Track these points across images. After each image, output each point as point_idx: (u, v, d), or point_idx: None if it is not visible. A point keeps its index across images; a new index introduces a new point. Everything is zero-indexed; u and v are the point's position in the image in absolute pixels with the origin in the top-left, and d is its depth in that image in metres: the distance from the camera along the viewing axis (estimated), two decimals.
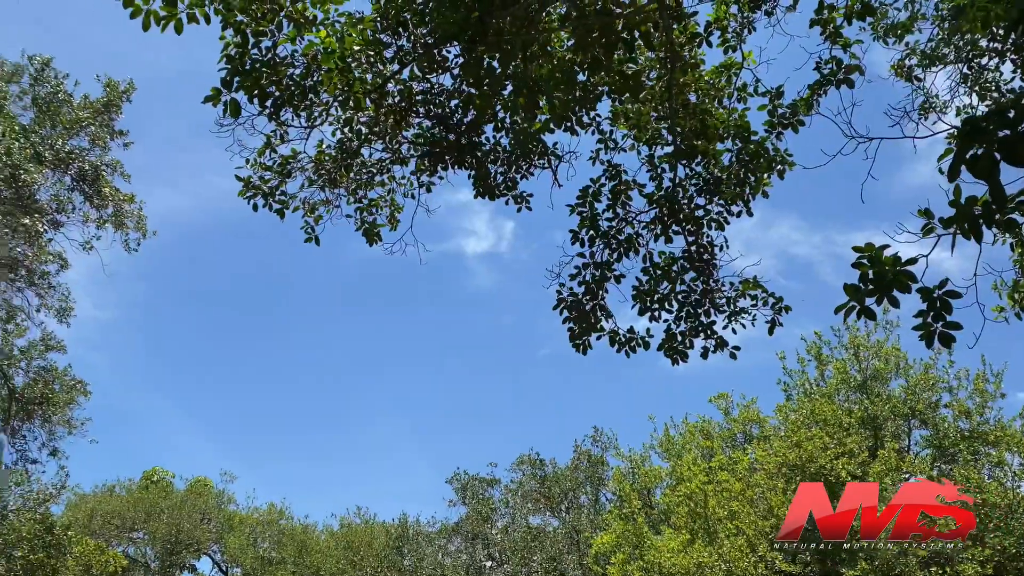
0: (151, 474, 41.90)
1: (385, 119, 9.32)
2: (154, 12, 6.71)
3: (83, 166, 16.89)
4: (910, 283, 4.77)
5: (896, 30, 7.95)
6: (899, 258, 4.77)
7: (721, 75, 8.48)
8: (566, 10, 8.12)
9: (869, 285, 4.87)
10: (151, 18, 6.73)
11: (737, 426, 24.69)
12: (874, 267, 4.82)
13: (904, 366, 21.91)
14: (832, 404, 21.14)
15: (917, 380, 21.27)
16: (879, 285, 4.81)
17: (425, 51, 8.39)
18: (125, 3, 6.62)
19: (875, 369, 22.11)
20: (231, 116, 7.16)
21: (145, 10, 6.67)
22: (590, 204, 8.90)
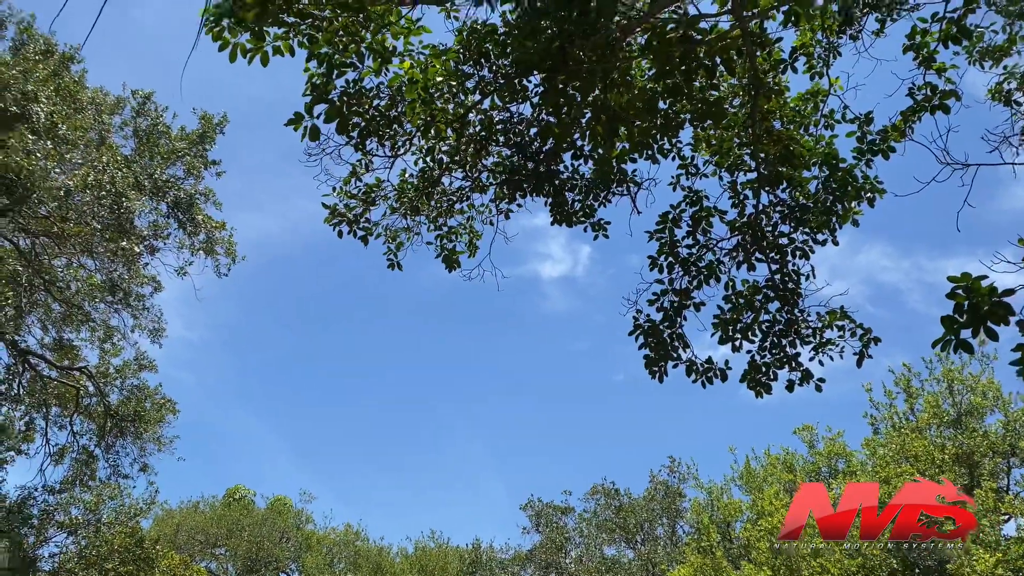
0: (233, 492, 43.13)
1: (466, 148, 9.49)
2: (241, 45, 7.00)
3: (179, 194, 17.72)
4: (1008, 315, 4.55)
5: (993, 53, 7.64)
6: (996, 288, 4.56)
7: (807, 102, 8.31)
8: (646, 38, 8.12)
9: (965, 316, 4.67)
10: (238, 50, 7.03)
11: (822, 460, 23.79)
12: (970, 298, 4.62)
13: (1003, 401, 20.77)
14: (923, 439, 20.18)
15: (1017, 415, 20.12)
16: (975, 317, 4.61)
17: (506, 81, 8.52)
18: (214, 37, 6.93)
19: (971, 403, 21.03)
20: (311, 140, 7.38)
21: (233, 43, 6.97)
22: (670, 230, 8.82)
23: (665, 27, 7.73)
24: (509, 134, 9.37)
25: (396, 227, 9.92)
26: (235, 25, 6.79)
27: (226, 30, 6.70)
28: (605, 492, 33.73)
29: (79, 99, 17.19)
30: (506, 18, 8.67)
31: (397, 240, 9.84)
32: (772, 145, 8.19)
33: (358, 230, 9.38)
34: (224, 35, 6.74)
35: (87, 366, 20.98)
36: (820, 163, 8.24)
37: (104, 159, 16.57)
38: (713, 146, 8.80)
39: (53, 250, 18.29)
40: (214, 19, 6.79)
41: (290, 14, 6.82)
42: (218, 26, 6.67)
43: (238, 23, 6.77)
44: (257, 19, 6.75)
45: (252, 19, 6.71)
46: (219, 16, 6.73)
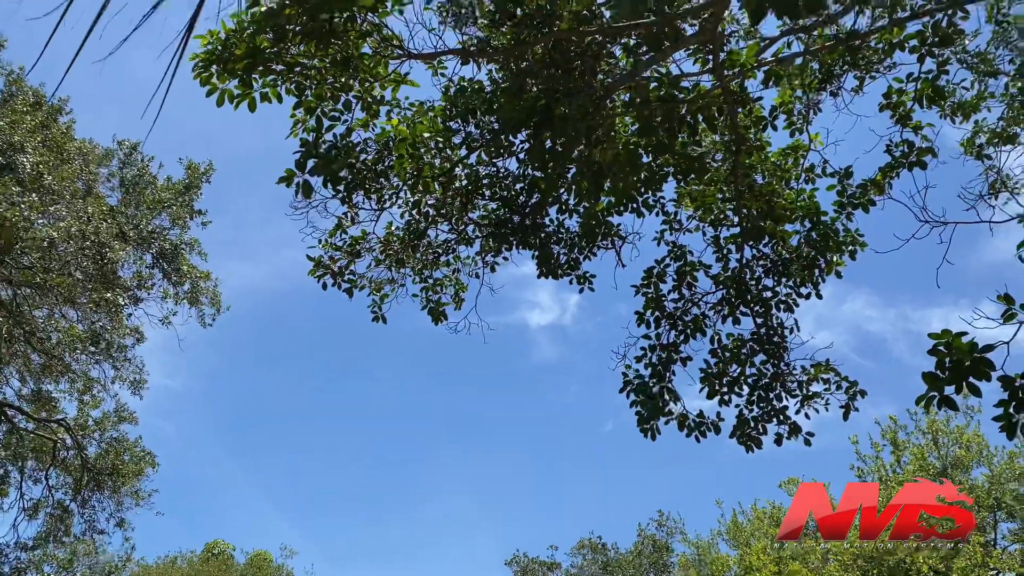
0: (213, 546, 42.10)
1: (452, 201, 9.56)
2: (228, 91, 7.06)
3: (164, 244, 17.69)
4: (989, 371, 4.59)
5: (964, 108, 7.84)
6: (976, 344, 4.60)
7: (788, 157, 8.47)
8: (630, 96, 8.28)
9: (947, 373, 4.70)
10: (225, 96, 7.09)
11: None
12: (951, 354, 4.66)
13: (987, 454, 20.77)
14: None
15: (1002, 469, 20.11)
16: (957, 373, 4.64)
17: (492, 137, 8.63)
18: (202, 81, 6.99)
19: (956, 456, 21.02)
20: (303, 197, 7.42)
21: (220, 88, 7.03)
22: (655, 285, 8.87)
23: (648, 86, 7.90)
24: (495, 188, 9.46)
25: (381, 279, 9.92)
26: (223, 71, 6.87)
27: (214, 75, 6.77)
28: (592, 547, 33.22)
29: (66, 150, 17.25)
30: (492, 75, 8.84)
31: (382, 292, 9.83)
32: (754, 200, 8.31)
33: (342, 282, 9.37)
34: (212, 80, 6.81)
35: (65, 418, 20.62)
36: (802, 217, 8.36)
37: (89, 209, 16.55)
38: (696, 201, 8.92)
39: (35, 300, 18.13)
40: (203, 64, 6.86)
41: (279, 62, 6.91)
42: (207, 71, 6.74)
43: (226, 70, 6.85)
44: (246, 69, 6.84)
45: (241, 68, 6.80)
46: (208, 61, 6.81)
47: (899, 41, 7.29)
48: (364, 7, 6.52)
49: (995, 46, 7.68)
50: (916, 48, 6.97)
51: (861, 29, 7.57)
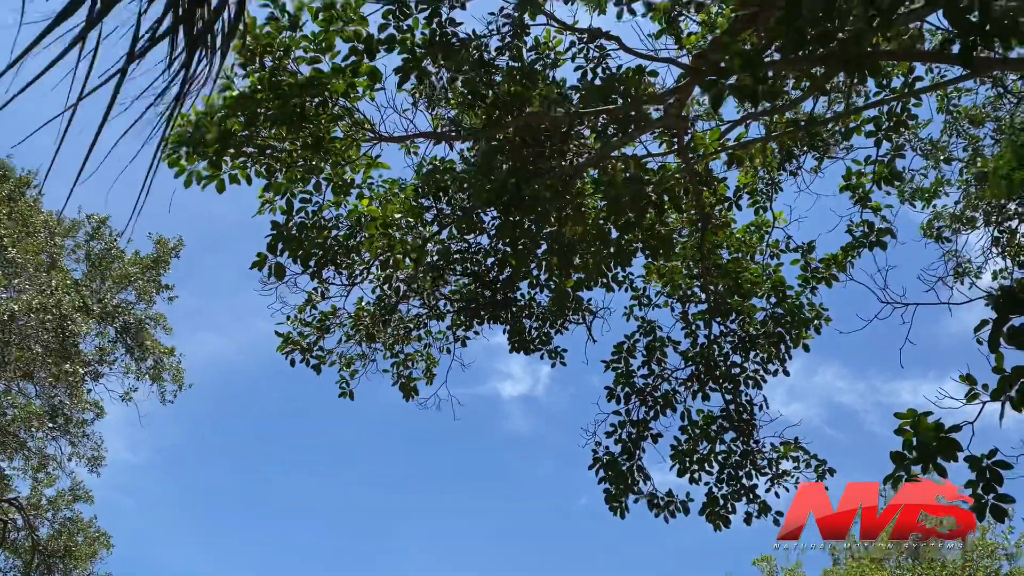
0: None
1: (423, 277, 9.59)
2: (197, 172, 7.09)
3: (128, 319, 17.42)
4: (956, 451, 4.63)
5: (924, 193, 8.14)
6: (942, 425, 4.65)
7: (752, 233, 8.66)
8: (598, 175, 8.47)
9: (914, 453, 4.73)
10: (194, 177, 7.12)
11: None
12: (918, 434, 4.70)
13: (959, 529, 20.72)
14: (883, 571, 19.90)
15: (974, 546, 20.05)
16: (924, 453, 4.68)
17: (463, 214, 8.73)
18: (170, 164, 7.03)
19: None
20: (276, 279, 7.41)
21: (189, 170, 7.06)
22: (625, 360, 8.90)
23: (616, 166, 8.09)
24: (466, 263, 9.52)
25: (351, 355, 9.84)
26: (193, 153, 6.90)
27: (183, 157, 6.81)
28: None
29: (32, 223, 17.08)
30: (464, 154, 9.01)
31: (351, 368, 9.73)
32: (720, 277, 8.45)
33: (311, 358, 9.27)
34: (181, 162, 6.84)
35: (17, 497, 19.79)
36: (768, 292, 8.51)
37: (53, 283, 16.31)
38: (664, 277, 9.05)
39: None
40: (173, 146, 6.90)
41: (250, 145, 6.97)
42: (176, 153, 6.78)
43: (196, 152, 6.89)
44: (218, 152, 6.89)
45: (212, 152, 6.84)
46: (178, 143, 6.85)
47: (856, 126, 7.58)
48: (335, 92, 6.65)
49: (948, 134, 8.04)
50: (872, 133, 7.25)
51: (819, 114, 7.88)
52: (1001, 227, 8.16)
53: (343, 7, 7.11)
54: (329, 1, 7.03)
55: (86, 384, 18.04)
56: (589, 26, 7.66)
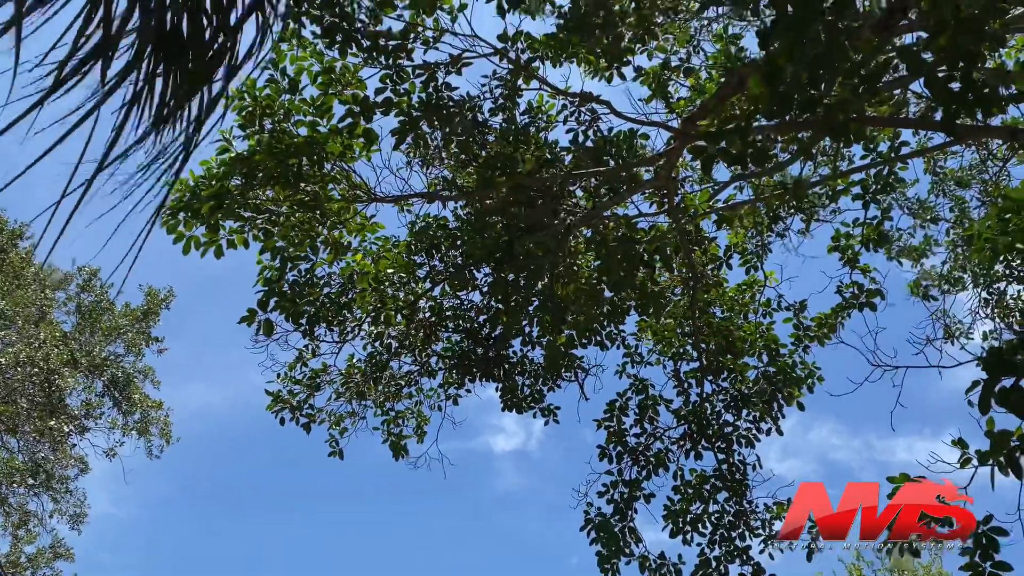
0: None
1: (415, 333, 9.58)
2: (195, 238, 7.13)
3: (116, 372, 17.26)
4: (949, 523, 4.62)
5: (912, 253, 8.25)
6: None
7: (744, 292, 8.73)
8: (591, 235, 8.56)
9: None
10: (192, 243, 7.17)
11: None
12: None
13: None
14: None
15: None
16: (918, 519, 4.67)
17: (456, 271, 8.78)
18: (168, 230, 7.08)
19: None
20: (264, 335, 7.39)
21: (187, 236, 7.11)
22: (617, 419, 8.86)
23: (608, 225, 8.19)
24: (459, 320, 9.53)
25: (341, 412, 9.77)
26: (191, 218, 6.96)
27: (181, 223, 6.86)
28: None
29: (24, 275, 17.04)
30: (457, 212, 9.10)
31: (341, 426, 9.65)
32: (712, 335, 8.49)
33: (301, 417, 9.19)
34: (179, 228, 6.89)
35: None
36: (760, 350, 8.53)
37: (42, 335, 16.20)
38: (656, 335, 9.07)
39: None
40: (170, 212, 6.95)
41: (247, 209, 7.04)
42: (174, 219, 6.83)
43: (194, 216, 6.94)
44: (212, 212, 6.94)
45: (207, 212, 6.89)
46: (176, 209, 6.91)
47: (843, 188, 7.72)
48: (332, 153, 6.75)
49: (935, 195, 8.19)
50: (859, 195, 7.38)
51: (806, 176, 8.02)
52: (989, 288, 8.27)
53: (342, 70, 7.27)
54: (328, 65, 7.20)
55: (71, 439, 17.78)
56: (581, 90, 7.83)
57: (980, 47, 4.14)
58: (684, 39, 8.17)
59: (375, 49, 6.93)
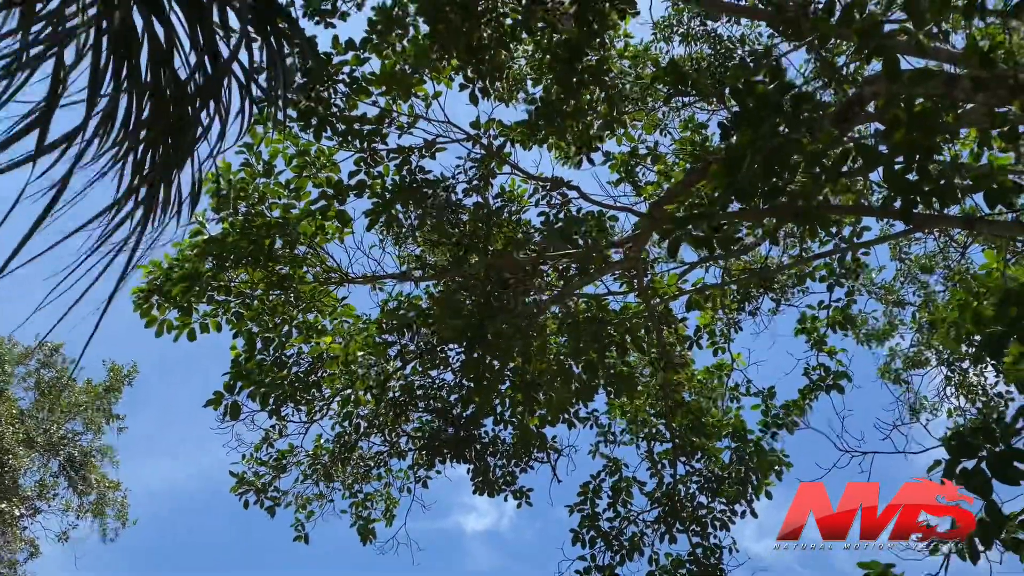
0: None
1: (385, 413, 9.44)
2: (168, 322, 7.07)
3: (73, 452, 16.74)
4: None
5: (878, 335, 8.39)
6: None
7: (713, 375, 8.77)
8: (561, 315, 8.60)
9: None
10: (164, 327, 7.10)
11: None
12: None
13: None
14: None
15: None
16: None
17: (427, 350, 8.74)
18: (141, 314, 7.01)
19: None
20: (231, 418, 7.26)
21: (160, 320, 7.04)
22: (590, 501, 8.73)
23: (578, 306, 8.25)
24: (430, 400, 9.42)
25: (308, 495, 9.52)
26: (164, 301, 6.90)
27: (155, 307, 6.79)
28: None
29: None
30: (429, 290, 9.11)
31: (308, 509, 9.39)
32: (683, 416, 8.48)
33: (266, 499, 8.93)
34: (153, 312, 6.82)
35: None
36: (730, 435, 8.52)
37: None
38: (628, 415, 9.04)
39: None
40: (143, 295, 6.90)
41: (219, 291, 7.00)
42: (146, 303, 6.76)
43: (167, 299, 6.89)
44: (184, 293, 6.89)
45: (179, 295, 6.84)
46: (149, 292, 6.85)
47: (809, 271, 7.88)
48: (305, 235, 6.78)
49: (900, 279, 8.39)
50: (825, 279, 7.53)
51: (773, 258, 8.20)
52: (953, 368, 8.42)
53: (316, 153, 7.37)
54: (303, 148, 7.29)
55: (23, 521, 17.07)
56: (552, 175, 7.99)
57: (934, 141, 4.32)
58: (652, 126, 8.42)
59: (350, 133, 7.04)
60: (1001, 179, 4.37)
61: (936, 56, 6.47)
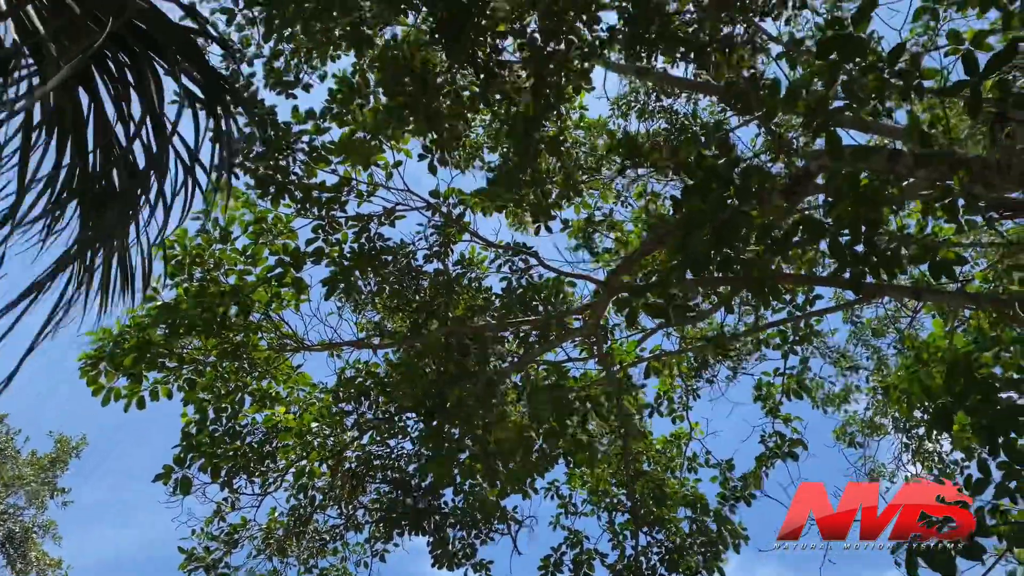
0: None
1: (341, 484, 9.21)
2: (116, 390, 6.86)
3: (14, 527, 15.99)
4: None
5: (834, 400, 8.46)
6: None
7: (672, 444, 8.73)
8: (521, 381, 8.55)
9: None
10: (112, 395, 6.88)
11: None
12: None
13: None
14: None
15: None
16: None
17: (385, 419, 8.59)
18: (88, 382, 6.80)
19: None
20: (181, 493, 7.01)
21: (108, 387, 6.83)
22: (552, 574, 8.53)
23: (538, 373, 8.21)
24: (387, 470, 9.22)
25: (261, 571, 9.16)
26: (113, 369, 6.72)
27: (103, 374, 6.60)
28: None
29: None
30: (388, 357, 9.01)
31: None
32: (643, 485, 8.39)
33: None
34: (100, 380, 6.63)
35: None
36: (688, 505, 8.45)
37: None
38: (588, 484, 8.93)
39: None
40: (91, 362, 6.71)
41: (171, 359, 6.84)
42: (94, 370, 6.57)
43: (116, 367, 6.71)
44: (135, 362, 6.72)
45: (130, 363, 6.67)
46: (97, 359, 6.67)
47: (764, 338, 7.97)
48: (260, 302, 6.69)
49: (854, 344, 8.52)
50: (779, 346, 7.61)
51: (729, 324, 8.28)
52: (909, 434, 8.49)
53: (274, 220, 7.34)
54: (260, 215, 7.26)
55: None
56: (512, 241, 8.05)
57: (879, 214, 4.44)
58: (608, 195, 8.56)
59: (308, 200, 7.04)
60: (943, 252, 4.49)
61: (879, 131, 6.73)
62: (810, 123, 4.92)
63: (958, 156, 5.42)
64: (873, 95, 4.44)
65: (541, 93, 6.32)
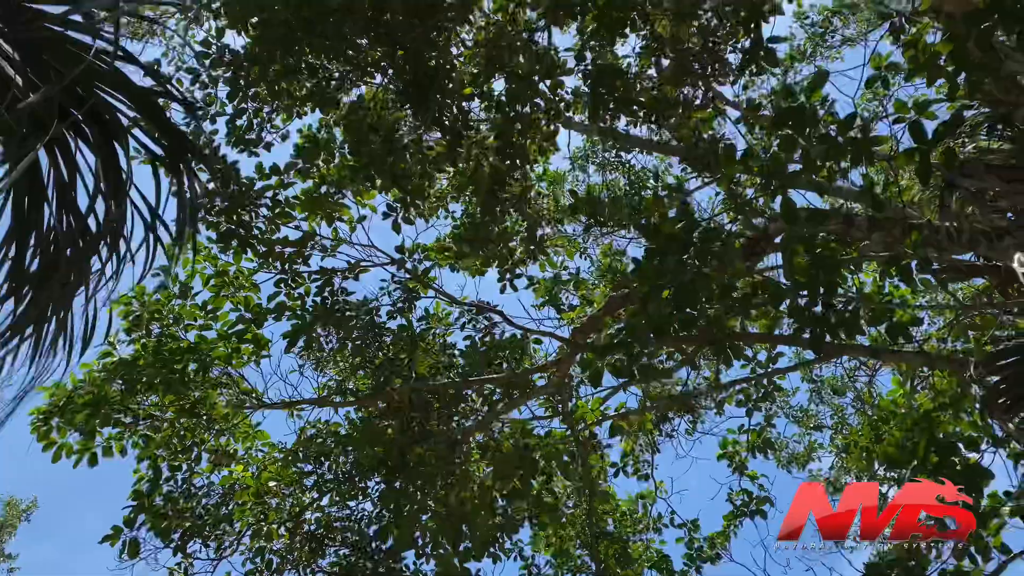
0: None
1: (300, 547, 8.94)
2: (67, 445, 6.66)
3: None
4: None
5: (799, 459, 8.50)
6: None
7: (636, 505, 8.66)
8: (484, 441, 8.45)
9: None
10: (63, 451, 6.67)
11: None
12: None
13: None
14: None
15: None
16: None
17: (346, 480, 8.41)
18: (39, 437, 6.59)
19: None
20: (130, 557, 6.75)
21: (59, 443, 6.62)
22: None
23: (503, 432, 8.13)
24: (347, 532, 8.99)
25: None
26: (65, 424, 6.53)
27: (54, 429, 6.41)
28: None
29: None
30: (349, 416, 8.86)
31: None
32: (607, 546, 8.28)
33: None
34: (51, 436, 6.43)
35: None
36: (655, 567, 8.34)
37: None
38: (552, 546, 8.78)
39: None
40: (42, 418, 6.52)
41: (127, 415, 6.66)
42: (45, 425, 6.38)
43: (68, 422, 6.52)
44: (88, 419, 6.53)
45: (83, 419, 6.49)
46: (48, 415, 6.48)
47: (727, 395, 8.01)
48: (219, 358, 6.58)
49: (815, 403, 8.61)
50: (742, 403, 7.65)
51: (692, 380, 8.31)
52: None
53: (235, 273, 7.26)
54: (221, 268, 7.18)
55: None
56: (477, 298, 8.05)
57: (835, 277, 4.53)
58: (573, 252, 8.64)
59: (271, 255, 6.99)
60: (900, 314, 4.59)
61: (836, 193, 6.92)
62: (767, 187, 5.04)
63: (910, 220, 5.59)
64: (828, 161, 4.57)
65: (507, 154, 6.41)
